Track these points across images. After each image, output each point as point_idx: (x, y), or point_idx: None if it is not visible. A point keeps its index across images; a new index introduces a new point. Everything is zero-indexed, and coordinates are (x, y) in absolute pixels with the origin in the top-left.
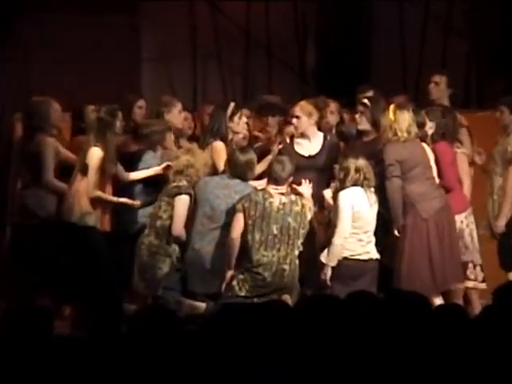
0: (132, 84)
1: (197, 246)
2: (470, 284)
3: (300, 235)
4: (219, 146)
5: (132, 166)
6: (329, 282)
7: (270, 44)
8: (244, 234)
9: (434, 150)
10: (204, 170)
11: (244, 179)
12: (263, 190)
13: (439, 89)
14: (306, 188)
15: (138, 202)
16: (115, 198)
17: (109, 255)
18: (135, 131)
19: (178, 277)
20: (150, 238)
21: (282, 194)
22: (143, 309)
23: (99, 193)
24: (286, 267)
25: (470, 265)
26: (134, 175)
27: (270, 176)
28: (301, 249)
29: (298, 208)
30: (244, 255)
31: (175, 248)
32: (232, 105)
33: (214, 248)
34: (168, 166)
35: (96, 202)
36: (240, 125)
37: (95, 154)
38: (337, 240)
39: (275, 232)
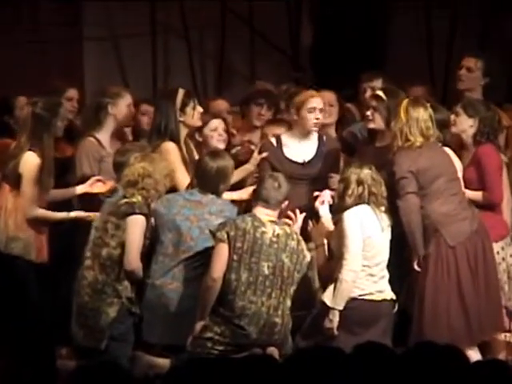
0: (72, 69)
1: (158, 282)
2: (502, 336)
3: (294, 280)
4: (170, 147)
5: (65, 176)
6: (336, 332)
7: (253, 18)
8: (226, 271)
9: (476, 155)
10: (165, 182)
11: (215, 193)
12: (252, 215)
13: (473, 77)
14: (298, 220)
15: (93, 214)
16: (64, 214)
17: (41, 294)
18: (68, 131)
19: (131, 324)
20: (94, 273)
21: (274, 222)
22: (86, 366)
23: (40, 211)
24: (278, 320)
25: (504, 311)
26: (59, 193)
27: (259, 196)
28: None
29: (293, 243)
30: (222, 299)
31: (127, 286)
32: (182, 92)
33: (181, 285)
34: (99, 181)
35: (31, 222)
36: (195, 118)
37: (31, 161)
38: (346, 275)
39: (266, 272)
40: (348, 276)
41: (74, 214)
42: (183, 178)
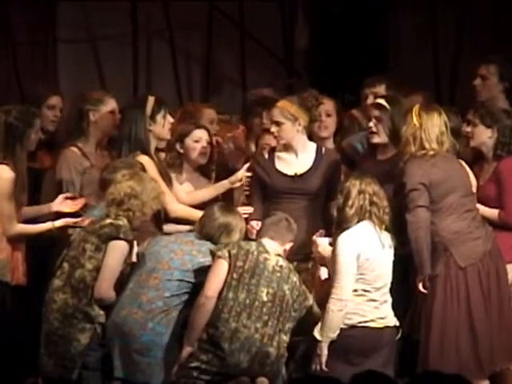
0: (45, 73)
1: (123, 312)
2: None
3: (291, 317)
4: (144, 161)
5: (40, 189)
6: (324, 367)
7: (243, 18)
8: (224, 289)
9: (496, 170)
10: (152, 204)
11: (214, 243)
12: (258, 241)
13: (489, 84)
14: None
15: (87, 220)
16: (49, 224)
17: (16, 320)
18: (49, 141)
19: (104, 352)
20: (65, 296)
21: (279, 255)
22: None
23: (21, 226)
24: (272, 351)
25: None
26: (32, 210)
27: (268, 231)
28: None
29: (295, 279)
30: (216, 318)
31: (100, 311)
32: (152, 99)
33: (146, 315)
34: (68, 199)
35: (7, 242)
36: (165, 127)
37: (5, 175)
38: (333, 305)
39: (264, 298)
40: (335, 305)
41: (60, 222)
42: (167, 194)
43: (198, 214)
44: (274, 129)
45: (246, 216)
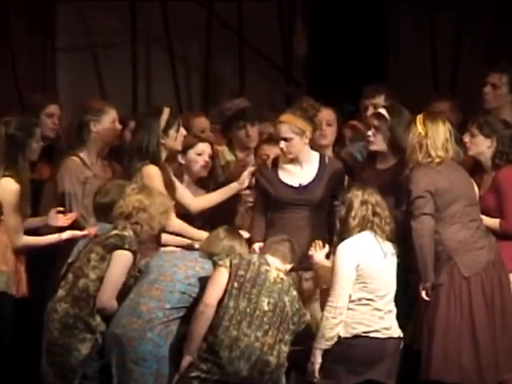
0: (43, 82)
1: (122, 320)
2: None
3: (290, 329)
4: (152, 171)
5: (39, 200)
6: (317, 375)
7: (242, 26)
8: (225, 298)
9: (495, 180)
10: (160, 219)
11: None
12: (260, 255)
13: (499, 94)
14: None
15: (93, 230)
16: (55, 236)
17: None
18: (48, 150)
19: (104, 362)
20: (66, 305)
21: (280, 270)
22: None
23: (27, 238)
24: (272, 360)
25: None
26: (36, 221)
27: (271, 249)
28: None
29: (294, 293)
30: (216, 326)
31: (101, 321)
32: (167, 112)
33: (146, 324)
34: (60, 213)
35: (11, 253)
36: (177, 140)
37: (10, 188)
38: (328, 312)
39: (265, 308)
40: (329, 312)
41: (66, 234)
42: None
43: (193, 231)
44: (282, 145)
45: (247, 236)
